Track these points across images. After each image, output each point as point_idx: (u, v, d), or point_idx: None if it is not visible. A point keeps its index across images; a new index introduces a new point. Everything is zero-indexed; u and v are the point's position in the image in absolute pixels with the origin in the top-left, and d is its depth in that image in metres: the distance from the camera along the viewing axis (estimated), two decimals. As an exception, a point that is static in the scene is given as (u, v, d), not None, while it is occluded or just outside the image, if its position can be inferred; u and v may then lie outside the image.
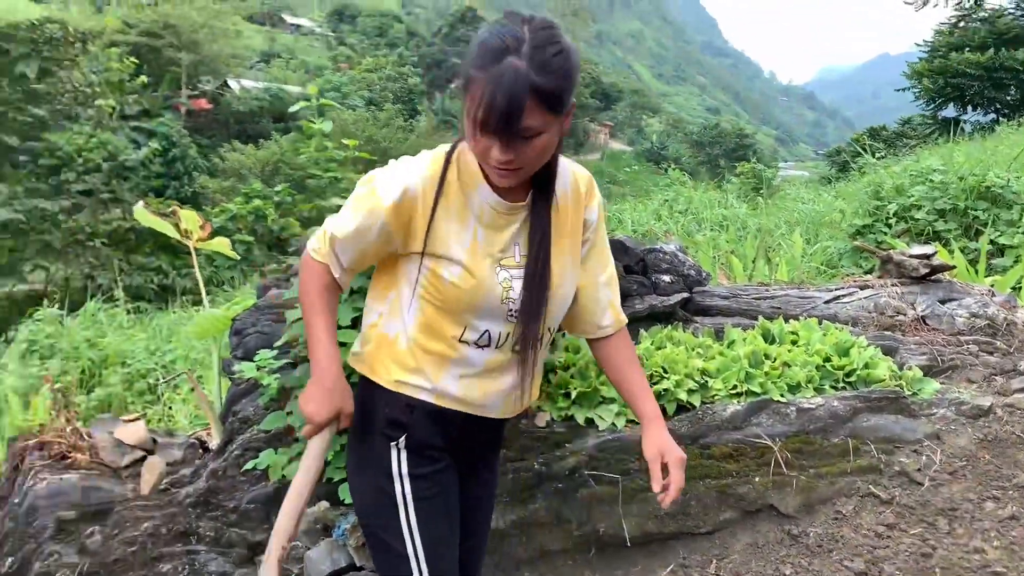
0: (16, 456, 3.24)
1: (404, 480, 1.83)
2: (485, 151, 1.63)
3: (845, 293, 4.27)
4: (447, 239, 1.74)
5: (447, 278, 1.74)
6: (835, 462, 3.17)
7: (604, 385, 3.16)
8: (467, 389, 1.83)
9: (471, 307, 1.77)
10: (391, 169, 1.78)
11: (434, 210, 1.73)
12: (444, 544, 1.88)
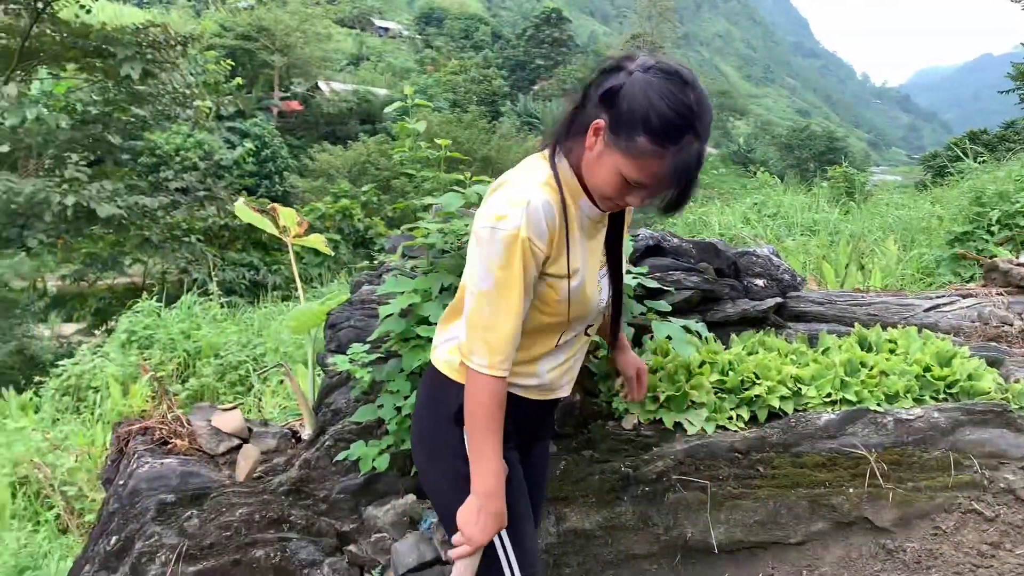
0: (121, 440, 3.39)
1: None
2: (623, 194, 1.72)
3: (946, 302, 4.11)
4: (562, 259, 1.79)
5: (564, 295, 1.82)
6: (935, 476, 3.05)
7: (694, 389, 3.12)
8: (551, 377, 1.96)
9: (582, 316, 1.90)
10: (518, 210, 1.69)
11: (560, 235, 1.77)
12: (525, 520, 1.95)
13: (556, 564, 2.94)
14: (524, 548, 1.91)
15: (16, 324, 11.80)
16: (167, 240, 13.02)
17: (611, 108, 1.65)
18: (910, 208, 11.20)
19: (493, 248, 1.70)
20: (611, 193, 1.72)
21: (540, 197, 1.71)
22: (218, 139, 22.26)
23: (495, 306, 1.72)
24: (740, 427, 3.10)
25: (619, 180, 1.68)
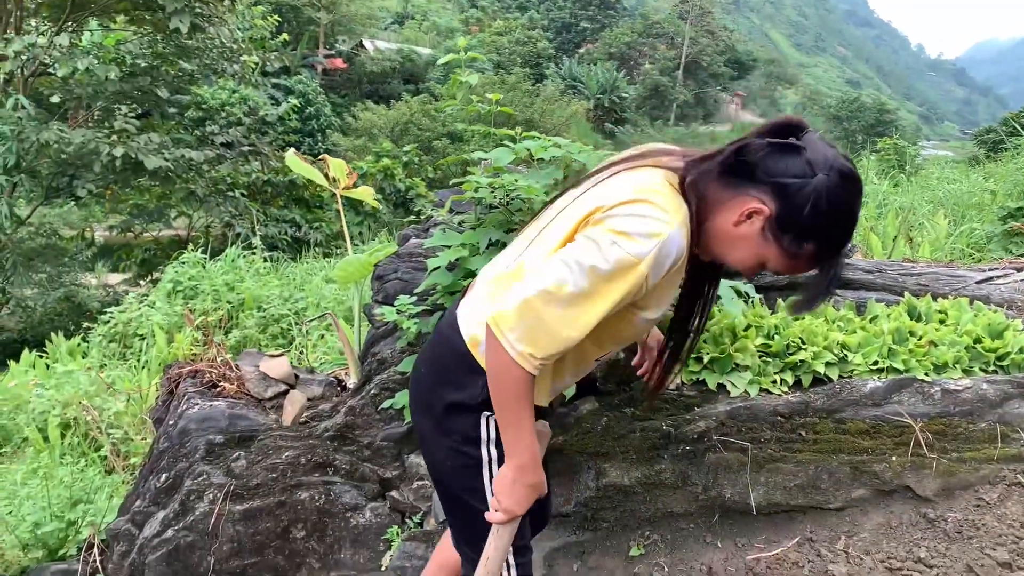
0: (171, 381, 3.48)
1: (491, 447, 1.87)
2: (763, 265, 1.66)
3: (1000, 274, 4.03)
4: (659, 298, 1.72)
5: (635, 325, 1.75)
6: (980, 447, 3.01)
7: (739, 352, 3.11)
8: (565, 385, 1.94)
9: (635, 338, 1.87)
10: (657, 243, 1.55)
11: (671, 275, 1.65)
12: None
13: (593, 518, 2.97)
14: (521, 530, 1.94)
15: (65, 272, 12.08)
16: (212, 194, 13.18)
17: (783, 201, 1.54)
18: (962, 183, 10.94)
19: (608, 263, 1.55)
20: (738, 267, 1.66)
21: (677, 238, 1.57)
22: (263, 95, 22.39)
23: (570, 312, 1.58)
24: (784, 391, 3.08)
25: (757, 264, 1.62)
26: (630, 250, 1.53)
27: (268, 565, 2.90)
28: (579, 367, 1.89)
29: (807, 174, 1.52)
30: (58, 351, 8.21)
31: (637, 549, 2.94)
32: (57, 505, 3.39)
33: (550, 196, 2.92)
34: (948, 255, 7.12)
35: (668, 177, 1.68)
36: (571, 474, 2.97)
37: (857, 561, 2.83)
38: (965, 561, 2.73)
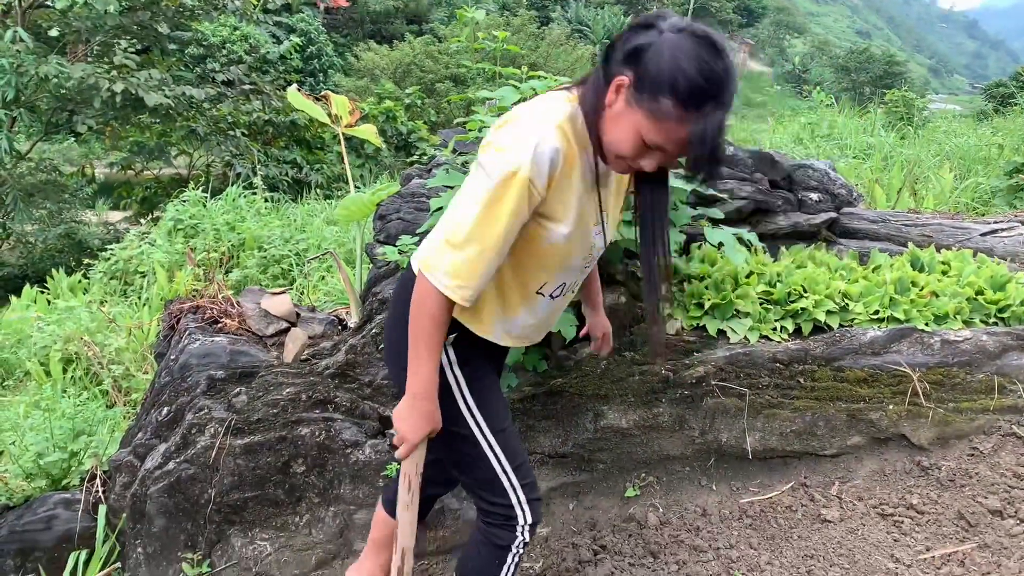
0: (173, 316, 3.48)
1: (455, 369, 1.94)
2: (637, 157, 1.66)
3: (1004, 227, 4.01)
4: (562, 206, 1.76)
5: (549, 240, 1.78)
6: (977, 398, 3.03)
7: (739, 298, 3.11)
8: (526, 332, 1.99)
9: (564, 264, 1.86)
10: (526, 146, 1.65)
11: (563, 180, 1.73)
12: (503, 414, 2.01)
13: (590, 459, 3.00)
14: (512, 448, 1.99)
15: (65, 208, 12.00)
16: (212, 132, 13.02)
17: (637, 66, 1.58)
18: (969, 137, 10.84)
19: (492, 179, 1.66)
20: (626, 152, 1.66)
21: (550, 139, 1.66)
22: (264, 33, 22.01)
23: (472, 234, 1.68)
24: (783, 338, 3.09)
25: (637, 140, 1.63)
26: (508, 159, 1.64)
27: (268, 498, 2.93)
28: (527, 300, 1.91)
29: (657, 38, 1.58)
30: (59, 287, 8.21)
31: (633, 490, 2.98)
32: (59, 436, 3.42)
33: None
34: (952, 208, 7.08)
35: (570, 98, 1.76)
36: (570, 416, 2.99)
37: (850, 506, 2.87)
38: (957, 508, 2.77)
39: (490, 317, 1.91)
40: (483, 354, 2.00)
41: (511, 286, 1.88)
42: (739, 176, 3.56)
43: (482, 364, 2.00)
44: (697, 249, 3.42)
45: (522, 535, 1.99)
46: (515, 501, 1.98)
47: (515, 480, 1.98)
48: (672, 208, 3.09)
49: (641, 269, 1.91)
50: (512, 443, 2.00)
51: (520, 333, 1.98)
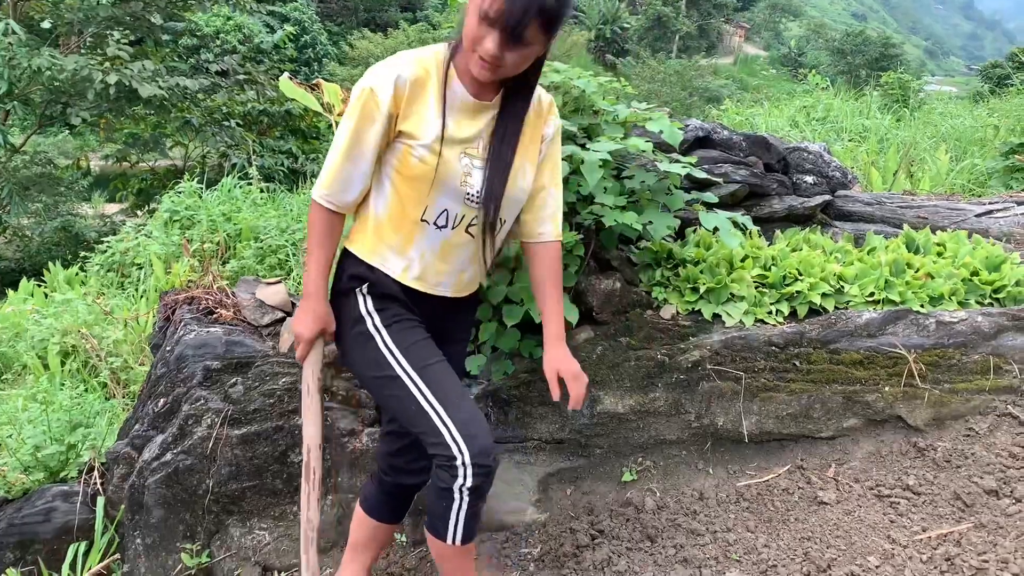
0: (168, 308, 3.47)
1: (373, 315, 2.09)
2: (479, 39, 1.81)
3: (1000, 208, 4.01)
4: (421, 123, 1.94)
5: (416, 156, 1.95)
6: (972, 379, 3.04)
7: (734, 282, 3.10)
8: (423, 268, 2.07)
9: (433, 185, 1.97)
10: (377, 68, 1.95)
11: (416, 98, 1.94)
12: (431, 358, 2.06)
13: (587, 445, 3.01)
14: (439, 383, 2.00)
15: (61, 201, 11.99)
16: (207, 123, 12.98)
17: None
18: (965, 118, 10.82)
19: (352, 100, 1.95)
20: (472, 37, 1.81)
21: (402, 62, 1.94)
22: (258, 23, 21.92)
23: (334, 145, 1.99)
24: (779, 322, 3.09)
25: (475, 21, 1.79)
26: (361, 82, 1.95)
27: (266, 488, 2.94)
28: (414, 228, 2.03)
29: None
30: (56, 280, 8.19)
31: (630, 475, 2.98)
32: (57, 429, 3.42)
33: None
34: (948, 190, 7.07)
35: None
36: (566, 401, 2.99)
37: (846, 488, 2.88)
38: (953, 489, 2.78)
39: (386, 249, 2.06)
40: (403, 304, 2.11)
41: (395, 211, 2.03)
42: (733, 160, 3.56)
43: (401, 311, 2.10)
44: (692, 233, 3.41)
45: (463, 477, 1.90)
46: (448, 438, 1.91)
47: (444, 415, 1.93)
48: (667, 193, 3.09)
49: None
50: (439, 378, 2.02)
51: (421, 273, 2.08)
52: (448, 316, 2.22)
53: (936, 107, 12.70)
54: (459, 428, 1.92)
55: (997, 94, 15.75)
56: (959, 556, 2.53)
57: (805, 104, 11.39)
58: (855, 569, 2.54)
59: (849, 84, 20.25)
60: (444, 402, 1.96)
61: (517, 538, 2.89)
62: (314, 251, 2.06)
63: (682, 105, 23.57)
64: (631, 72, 29.05)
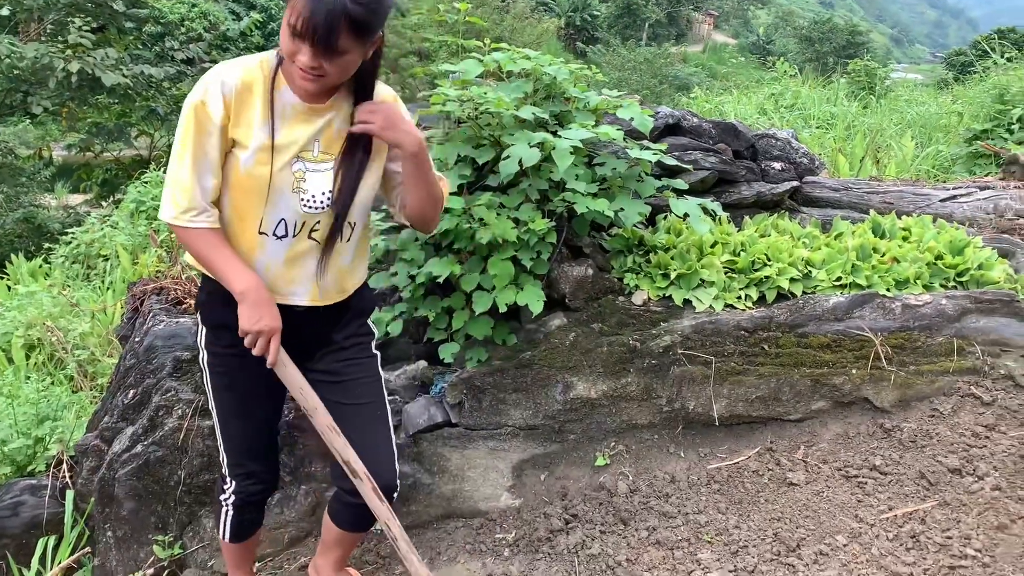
0: (136, 298, 3.43)
1: (204, 352, 2.19)
2: (293, 54, 1.81)
3: (963, 193, 4.08)
4: (248, 131, 1.92)
5: (243, 167, 1.92)
6: (937, 361, 3.10)
7: (705, 268, 3.13)
8: (273, 281, 2.03)
9: (264, 195, 1.94)
10: (203, 80, 1.91)
11: (243, 106, 1.91)
12: (232, 414, 2.23)
13: (560, 431, 3.03)
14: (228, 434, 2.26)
15: (23, 192, 11.76)
16: (174, 112, 12.81)
17: None
18: (930, 105, 10.98)
19: (182, 117, 1.91)
20: (287, 51, 1.81)
21: (227, 70, 1.91)
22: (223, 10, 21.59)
23: (172, 161, 1.92)
24: (748, 306, 3.13)
25: (287, 35, 1.79)
26: (189, 97, 1.91)
27: (239, 478, 2.93)
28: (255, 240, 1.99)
29: None
30: (19, 272, 8.06)
31: (603, 459, 3.01)
32: (23, 423, 3.38)
33: (520, 109, 2.88)
34: (914, 176, 7.17)
35: None
36: (539, 388, 3.01)
37: (815, 469, 2.93)
38: (918, 468, 2.84)
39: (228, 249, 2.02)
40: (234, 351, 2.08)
41: (235, 225, 2.00)
42: (703, 147, 3.58)
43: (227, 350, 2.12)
44: (663, 220, 3.44)
45: (227, 499, 2.34)
46: (227, 472, 2.31)
47: (226, 462, 2.29)
48: (637, 180, 3.11)
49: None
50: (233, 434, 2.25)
51: (271, 284, 2.02)
52: (316, 326, 2.16)
53: (902, 94, 12.86)
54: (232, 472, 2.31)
55: (961, 81, 15.98)
56: (924, 533, 2.58)
57: (773, 92, 11.48)
58: (823, 548, 2.59)
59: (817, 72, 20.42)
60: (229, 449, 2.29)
61: (492, 524, 2.90)
62: (213, 263, 1.97)
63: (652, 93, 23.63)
64: (601, 60, 29.05)
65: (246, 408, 2.23)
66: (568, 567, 2.65)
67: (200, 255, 1.98)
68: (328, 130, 1.99)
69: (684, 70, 31.40)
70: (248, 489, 2.32)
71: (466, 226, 2.81)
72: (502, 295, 2.83)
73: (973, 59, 15.82)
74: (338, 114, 2.00)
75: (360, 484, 2.13)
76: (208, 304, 2.13)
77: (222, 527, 2.38)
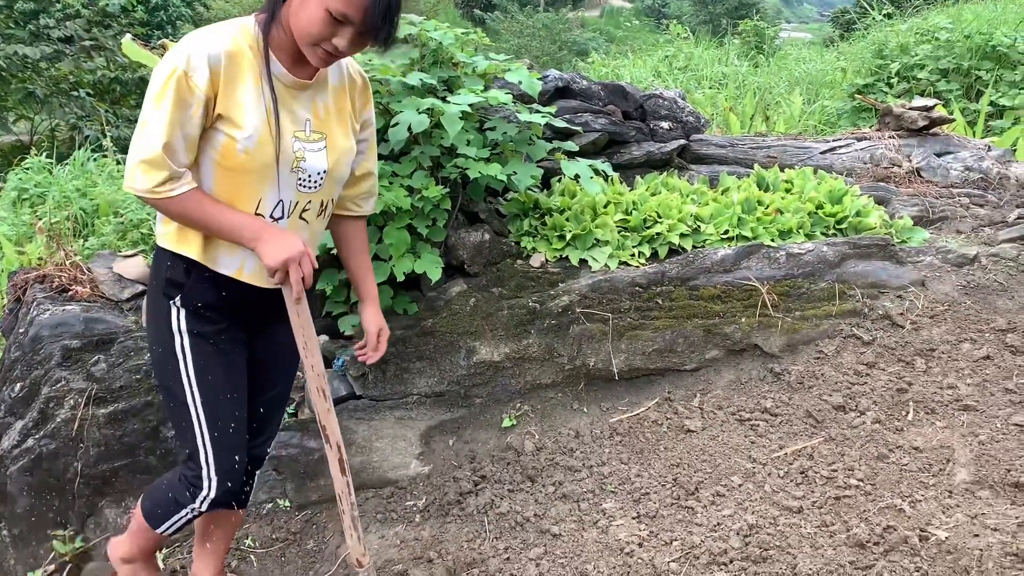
0: (17, 288, 3.29)
1: (182, 335, 1.96)
2: (328, 37, 1.72)
3: (842, 145, 4.26)
4: (243, 109, 1.79)
5: (241, 148, 1.79)
6: (821, 305, 3.26)
7: (599, 228, 3.20)
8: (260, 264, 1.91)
9: (265, 174, 1.85)
10: (186, 45, 1.74)
11: (232, 80, 1.77)
12: (222, 393, 2.02)
13: (466, 395, 3.06)
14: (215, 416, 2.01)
15: None
16: (53, 94, 12.18)
17: None
18: (816, 63, 11.36)
19: (156, 83, 1.73)
20: (318, 33, 1.71)
21: (209, 39, 1.74)
22: (102, -15, 20.55)
23: (141, 132, 1.74)
24: (641, 263, 3.21)
25: (325, 17, 1.69)
26: (165, 62, 1.73)
27: (140, 466, 2.86)
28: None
29: None
30: None
31: (509, 420, 3.06)
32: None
33: (407, 76, 2.87)
34: (802, 131, 7.44)
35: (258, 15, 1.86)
36: (443, 355, 3.03)
37: (711, 416, 3.05)
38: (806, 408, 2.99)
39: (216, 247, 1.90)
40: (222, 312, 1.99)
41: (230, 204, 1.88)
42: (593, 109, 3.64)
43: (213, 328, 1.98)
44: (557, 183, 3.49)
45: (200, 504, 2.06)
46: (205, 474, 2.03)
47: (211, 458, 2.02)
48: (529, 143, 3.14)
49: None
50: (223, 416, 2.01)
51: (258, 267, 1.94)
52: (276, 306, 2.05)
53: (790, 53, 13.25)
54: (219, 473, 2.03)
55: (846, 39, 16.57)
56: (812, 468, 2.73)
57: (667, 54, 11.69)
58: (720, 489, 2.71)
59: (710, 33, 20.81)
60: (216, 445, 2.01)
61: (402, 492, 2.93)
62: (211, 220, 1.83)
63: (552, 59, 23.68)
64: (500, 27, 28.94)
65: (234, 382, 2.05)
66: (478, 527, 2.70)
67: (192, 219, 1.82)
68: (315, 107, 1.92)
69: (582, 35, 31.55)
70: (233, 488, 2.08)
71: (359, 197, 2.79)
72: (399, 264, 2.83)
73: (855, 17, 16.41)
74: (320, 89, 1.94)
75: (330, 452, 2.12)
76: (191, 284, 1.93)
77: (168, 526, 2.14)
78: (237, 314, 2.02)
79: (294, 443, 2.89)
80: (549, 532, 2.63)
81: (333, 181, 1.99)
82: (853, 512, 2.53)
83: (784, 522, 2.53)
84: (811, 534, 2.48)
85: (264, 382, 2.18)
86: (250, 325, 2.08)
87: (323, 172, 1.93)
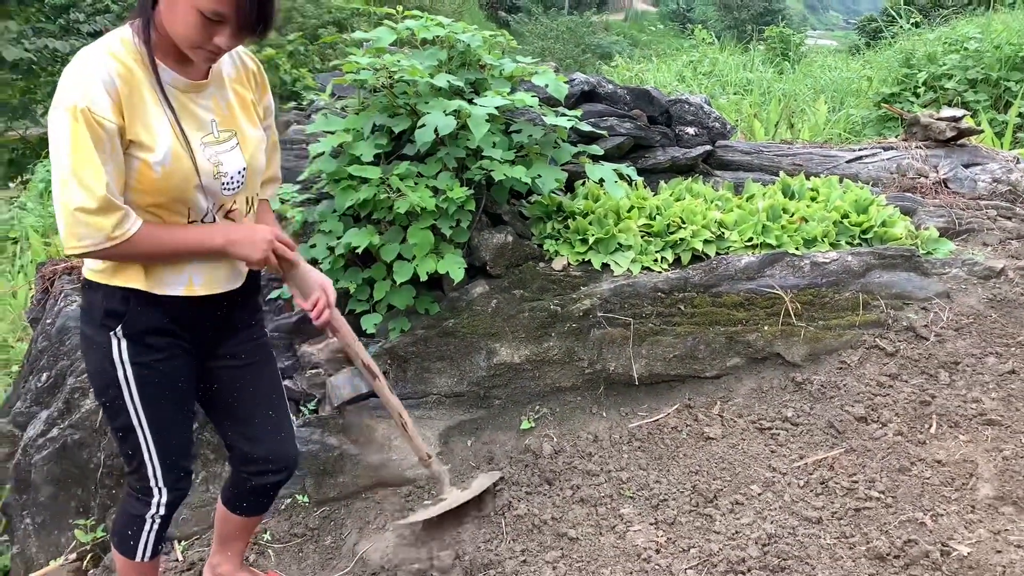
0: (46, 280, 3.34)
1: (126, 367, 1.89)
2: (208, 38, 1.66)
3: (868, 153, 4.23)
4: (148, 129, 1.72)
5: (160, 166, 1.73)
6: (844, 315, 3.23)
7: (622, 232, 3.20)
8: (208, 273, 1.92)
9: (188, 187, 1.79)
10: (73, 80, 1.64)
11: (131, 101, 1.69)
12: (168, 416, 1.99)
13: (485, 396, 3.07)
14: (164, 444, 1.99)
15: (-79, 175, 11.22)
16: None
17: None
18: (842, 71, 11.30)
19: (61, 129, 1.63)
20: (196, 37, 1.66)
21: (97, 66, 1.65)
22: (131, -20, 20.76)
23: (70, 178, 1.63)
24: (664, 268, 3.21)
25: (199, 19, 1.63)
26: (61, 101, 1.62)
27: (162, 458, 2.89)
28: None
29: None
30: (-80, 257, 7.70)
31: (527, 423, 3.06)
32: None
33: (435, 77, 2.88)
34: (826, 139, 7.40)
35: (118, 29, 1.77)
36: (464, 356, 3.04)
37: (731, 423, 3.04)
38: (827, 418, 2.97)
39: (158, 271, 1.86)
40: (167, 332, 1.92)
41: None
42: (618, 113, 3.64)
43: (157, 354, 1.92)
44: (581, 186, 3.49)
45: (156, 509, 2.05)
46: (154, 484, 2.02)
47: (159, 471, 2.01)
48: (554, 146, 3.14)
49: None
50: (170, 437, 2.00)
51: (207, 279, 1.92)
52: (236, 305, 2.08)
53: (816, 60, 13.19)
54: (168, 481, 2.03)
55: (872, 47, 16.46)
56: (832, 479, 2.71)
57: (692, 59, 11.66)
58: (739, 497, 2.69)
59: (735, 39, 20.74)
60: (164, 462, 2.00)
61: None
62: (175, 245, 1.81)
63: (576, 62, 23.66)
64: (524, 29, 28.93)
65: (183, 407, 2.04)
66: (495, 528, 2.70)
67: (154, 252, 1.78)
68: (217, 105, 1.87)
69: (606, 39, 31.50)
70: (183, 488, 2.10)
71: (384, 196, 2.80)
72: (423, 264, 2.84)
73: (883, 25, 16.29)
74: (218, 84, 1.89)
75: (379, 384, 2.47)
76: (132, 312, 1.86)
77: (142, 547, 2.10)
78: (186, 330, 1.97)
79: (314, 439, 2.90)
80: (566, 536, 2.63)
81: (254, 174, 1.96)
82: (873, 524, 2.52)
83: (803, 532, 2.52)
84: (830, 545, 2.46)
85: (243, 387, 2.15)
86: (202, 338, 2.03)
87: (243, 170, 1.90)
